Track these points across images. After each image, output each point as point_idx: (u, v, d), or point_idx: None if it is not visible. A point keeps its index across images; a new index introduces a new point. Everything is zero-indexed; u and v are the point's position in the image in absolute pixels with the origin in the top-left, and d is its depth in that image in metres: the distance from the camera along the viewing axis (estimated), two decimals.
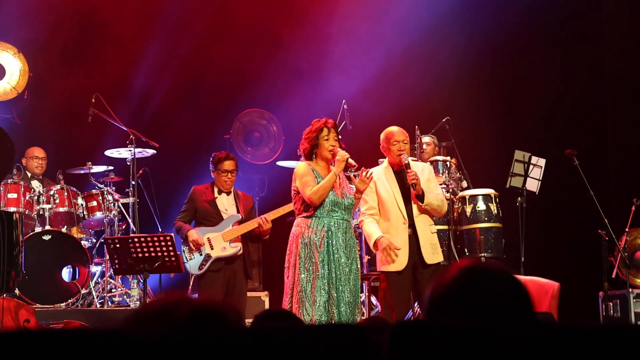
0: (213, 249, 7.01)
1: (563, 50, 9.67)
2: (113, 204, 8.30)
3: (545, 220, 9.16)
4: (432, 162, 7.92)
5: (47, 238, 7.87)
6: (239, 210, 7.18)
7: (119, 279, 8.29)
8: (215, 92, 10.00)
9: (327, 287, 5.83)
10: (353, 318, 5.81)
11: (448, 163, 8.10)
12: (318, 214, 5.95)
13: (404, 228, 6.25)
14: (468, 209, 7.80)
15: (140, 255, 6.54)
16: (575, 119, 9.45)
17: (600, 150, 9.36)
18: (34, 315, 6.63)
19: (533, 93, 9.63)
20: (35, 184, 8.50)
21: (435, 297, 1.85)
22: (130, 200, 8.33)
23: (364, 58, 9.82)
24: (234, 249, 7.03)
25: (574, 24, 9.64)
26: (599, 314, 7.80)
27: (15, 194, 7.97)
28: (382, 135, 6.42)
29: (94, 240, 8.51)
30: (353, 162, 5.99)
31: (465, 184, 8.23)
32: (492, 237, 7.78)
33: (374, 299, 8.01)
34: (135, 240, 6.59)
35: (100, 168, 8.51)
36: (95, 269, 8.29)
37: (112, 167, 8.56)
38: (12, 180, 8.02)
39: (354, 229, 6.35)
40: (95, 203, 8.26)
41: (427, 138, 8.39)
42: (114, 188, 8.46)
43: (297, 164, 6.31)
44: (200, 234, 7.04)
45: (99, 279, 8.26)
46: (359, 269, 6.10)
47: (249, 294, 7.71)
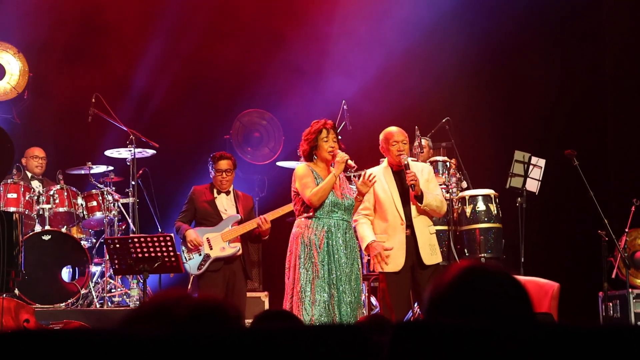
0: (212, 249, 7.01)
1: (563, 50, 9.66)
2: (113, 204, 8.30)
3: (545, 221, 9.15)
4: (431, 162, 7.91)
5: (46, 238, 7.87)
6: (239, 211, 7.18)
7: (119, 279, 8.29)
8: (215, 92, 10.00)
9: (327, 287, 5.83)
10: (354, 318, 5.81)
11: (448, 163, 8.09)
12: (318, 215, 5.95)
13: (402, 229, 6.26)
14: (468, 210, 7.80)
15: (140, 256, 6.54)
16: (575, 119, 9.45)
17: (600, 151, 9.35)
18: (34, 316, 6.63)
19: (533, 93, 9.62)
20: (35, 184, 8.49)
21: (435, 297, 1.85)
22: (130, 201, 8.33)
23: (364, 58, 9.81)
24: (233, 249, 7.03)
25: (574, 24, 9.63)
26: (599, 315, 7.80)
27: (15, 194, 7.96)
28: (381, 136, 6.42)
29: (94, 241, 8.51)
30: (352, 163, 5.99)
31: (465, 185, 8.22)
32: (491, 237, 7.78)
33: (374, 300, 8.00)
34: (135, 241, 6.59)
35: (100, 168, 8.51)
36: (95, 269, 8.29)
37: (112, 167, 8.56)
38: (12, 180, 8.02)
39: (355, 229, 6.35)
40: (95, 203, 8.26)
41: (422, 141, 8.29)
42: (114, 188, 8.46)
43: (297, 165, 6.31)
44: (200, 234, 7.04)
45: (99, 279, 8.26)
46: (360, 270, 6.10)
47: (249, 295, 7.71)
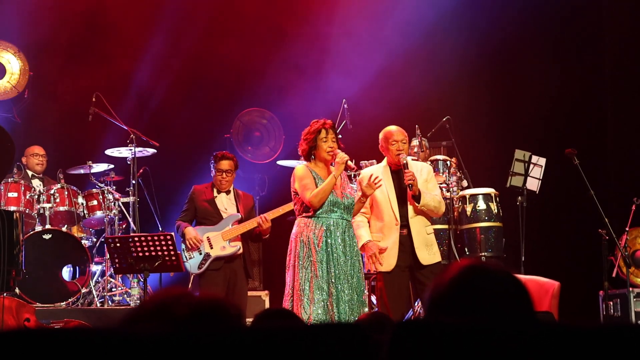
0: (212, 248, 7.01)
1: (563, 50, 9.66)
2: (113, 203, 8.30)
3: (546, 220, 9.15)
4: (432, 161, 7.90)
5: (47, 237, 7.87)
6: (239, 210, 7.17)
7: (119, 278, 8.30)
8: (216, 91, 10.00)
9: (326, 285, 5.83)
10: (354, 317, 5.80)
11: (448, 162, 8.08)
12: (317, 214, 5.96)
13: (396, 229, 6.26)
14: (468, 208, 7.80)
15: (141, 255, 6.54)
16: (575, 119, 9.44)
17: (601, 150, 9.35)
18: (34, 315, 6.63)
19: (533, 93, 9.61)
20: (36, 183, 8.50)
21: (436, 296, 1.85)
22: (131, 200, 8.33)
23: (365, 57, 9.81)
24: (234, 248, 7.03)
25: (574, 24, 9.63)
26: (600, 313, 7.80)
27: (16, 193, 7.96)
28: (380, 135, 6.41)
29: (94, 240, 8.52)
30: (352, 164, 6.00)
31: (466, 183, 8.22)
32: (492, 236, 7.78)
33: (374, 298, 8.00)
34: (136, 240, 6.59)
35: (101, 167, 8.51)
36: (96, 268, 8.30)
37: (112, 166, 8.56)
38: (12, 179, 8.02)
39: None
40: (96, 202, 8.26)
41: (416, 141, 8.18)
42: (115, 187, 8.46)
43: (297, 164, 6.31)
44: (200, 233, 7.04)
45: (99, 278, 8.26)
46: (362, 268, 6.10)
47: (250, 294, 7.71)
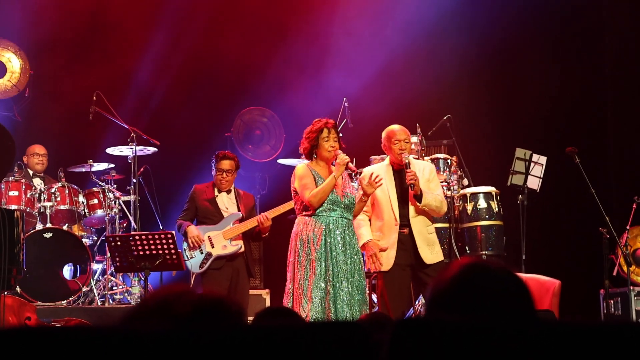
0: (214, 247, 7.01)
1: (563, 50, 9.65)
2: (114, 202, 8.30)
3: (547, 218, 9.14)
4: (433, 160, 7.89)
5: (48, 236, 7.88)
6: (240, 209, 7.17)
7: (120, 277, 8.30)
8: (216, 90, 10.00)
9: (323, 284, 5.84)
10: (352, 315, 5.81)
11: (449, 161, 8.08)
12: (317, 212, 5.98)
13: (395, 229, 6.25)
14: (469, 207, 7.79)
15: (142, 253, 6.54)
16: (576, 118, 9.43)
17: (601, 149, 9.34)
18: (35, 313, 6.64)
19: (533, 92, 9.61)
20: (37, 182, 8.50)
21: (436, 294, 1.85)
22: (132, 198, 8.34)
23: (366, 56, 9.81)
24: (235, 247, 7.03)
25: (574, 24, 9.62)
26: (600, 312, 7.80)
27: (17, 192, 7.97)
28: (383, 134, 6.40)
29: (95, 238, 8.52)
30: (353, 166, 6.01)
31: (466, 182, 8.21)
32: (493, 234, 7.78)
33: (374, 297, 8.00)
34: (136, 238, 6.59)
35: (102, 166, 8.51)
36: (97, 267, 8.30)
37: (113, 164, 8.56)
38: (13, 178, 8.02)
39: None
40: (97, 201, 8.26)
41: (416, 139, 7.91)
42: (115, 186, 8.46)
43: (298, 162, 6.31)
44: (201, 233, 7.03)
45: (100, 277, 8.26)
46: (362, 267, 6.10)
47: (250, 292, 7.70)
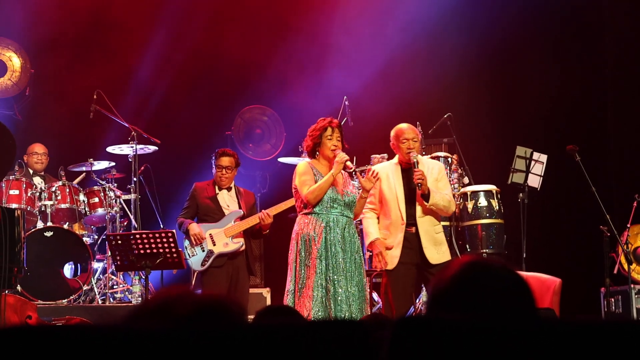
0: (215, 245, 7.01)
1: (563, 50, 9.65)
2: (115, 201, 8.30)
3: (547, 217, 9.14)
4: (433, 158, 7.89)
5: (48, 234, 7.88)
6: (241, 207, 7.17)
7: (121, 276, 8.30)
8: (217, 88, 10.00)
9: (324, 282, 5.85)
10: (352, 313, 5.81)
11: (450, 159, 8.08)
12: (317, 210, 5.99)
13: (402, 228, 6.25)
14: (470, 205, 7.80)
15: (142, 252, 6.54)
16: (576, 118, 9.43)
17: (601, 148, 9.33)
18: (36, 312, 6.64)
19: (533, 92, 9.60)
20: (37, 181, 8.50)
21: (437, 293, 1.85)
22: (132, 197, 8.34)
23: (366, 54, 9.80)
24: (236, 245, 7.03)
25: (574, 24, 9.61)
26: (601, 310, 7.79)
27: (17, 191, 7.97)
28: (392, 133, 6.39)
29: (96, 237, 8.52)
30: (351, 165, 6.02)
31: (467, 180, 8.22)
32: (493, 233, 7.78)
33: (376, 295, 8.01)
34: (137, 237, 6.59)
35: (102, 164, 8.52)
36: (97, 266, 8.31)
37: (113, 163, 8.57)
38: (14, 177, 8.03)
39: (356, 225, 6.35)
40: (97, 199, 8.26)
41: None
42: (116, 184, 8.46)
43: (298, 161, 6.32)
44: (202, 230, 7.03)
45: (101, 276, 8.27)
46: (363, 265, 6.11)
47: (251, 290, 7.71)
